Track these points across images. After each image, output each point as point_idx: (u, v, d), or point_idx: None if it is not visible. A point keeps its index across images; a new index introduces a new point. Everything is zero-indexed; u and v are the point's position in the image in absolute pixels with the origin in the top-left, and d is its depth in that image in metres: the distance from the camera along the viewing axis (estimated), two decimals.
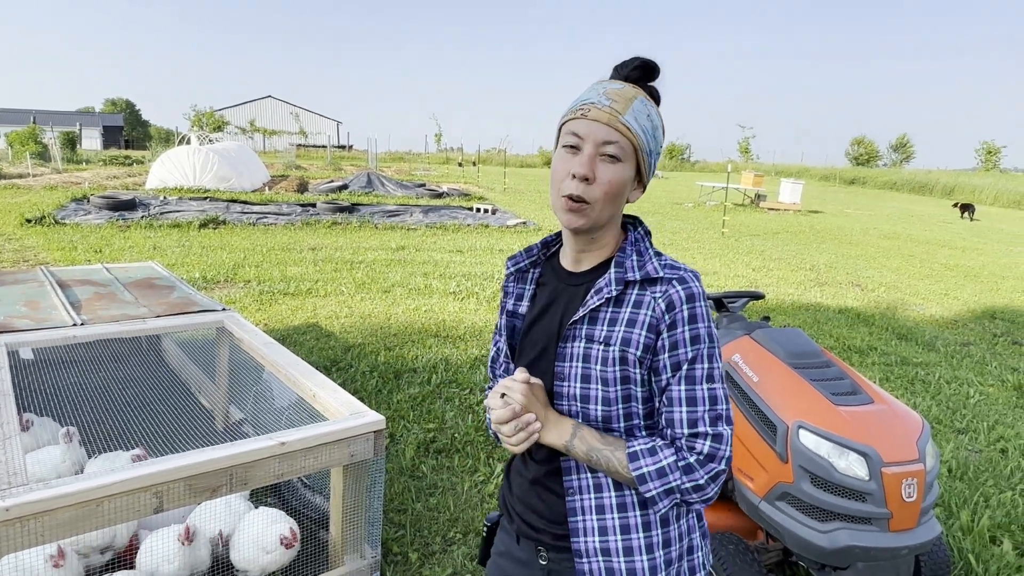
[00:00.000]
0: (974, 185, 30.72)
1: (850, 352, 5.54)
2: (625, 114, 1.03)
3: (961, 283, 9.13)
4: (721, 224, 13.36)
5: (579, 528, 1.11)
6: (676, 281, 1.06)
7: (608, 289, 1.07)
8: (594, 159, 1.04)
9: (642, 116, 1.05)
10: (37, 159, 23.17)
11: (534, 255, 1.23)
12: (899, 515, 1.97)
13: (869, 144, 57.72)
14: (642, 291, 1.08)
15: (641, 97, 1.06)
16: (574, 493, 1.12)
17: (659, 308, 1.05)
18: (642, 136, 1.05)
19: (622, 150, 1.04)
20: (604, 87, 1.06)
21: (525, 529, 1.21)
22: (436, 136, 46.19)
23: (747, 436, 2.26)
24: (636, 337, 1.05)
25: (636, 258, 1.10)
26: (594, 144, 1.03)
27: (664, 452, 1.04)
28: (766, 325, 2.71)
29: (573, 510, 1.12)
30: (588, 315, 1.09)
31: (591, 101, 1.05)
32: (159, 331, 2.97)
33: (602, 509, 1.10)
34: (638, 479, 1.04)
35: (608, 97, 1.04)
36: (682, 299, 1.05)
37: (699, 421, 1.03)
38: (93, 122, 56.74)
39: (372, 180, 18.94)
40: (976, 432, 4.05)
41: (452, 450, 3.48)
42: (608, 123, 1.03)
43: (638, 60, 1.08)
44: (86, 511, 1.59)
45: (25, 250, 8.10)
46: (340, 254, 8.83)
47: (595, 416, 1.09)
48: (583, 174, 1.03)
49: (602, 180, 1.04)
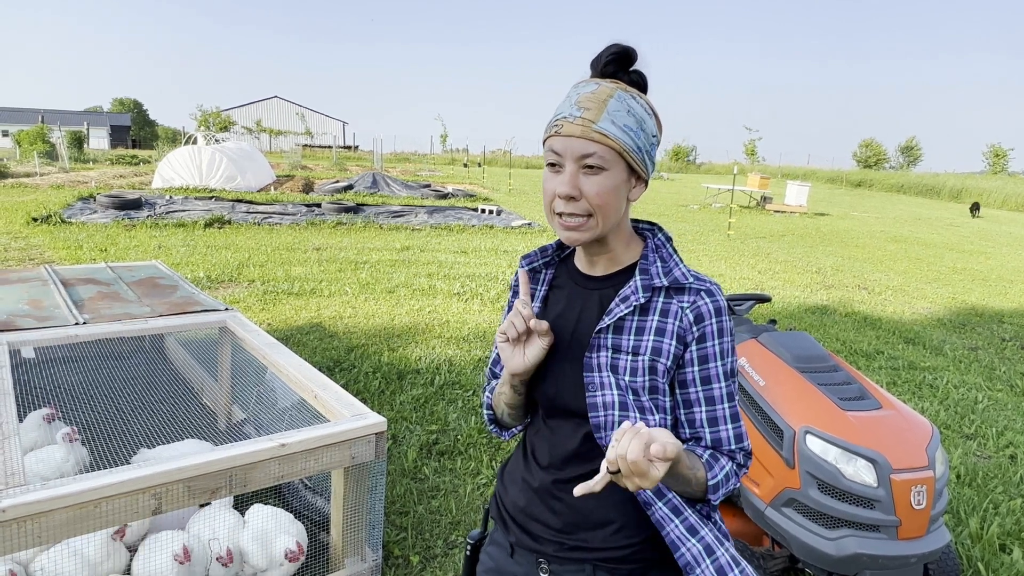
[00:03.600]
0: (982, 188, 30.53)
1: (857, 356, 5.50)
2: (599, 121, 0.98)
3: (969, 287, 9.07)
4: (727, 226, 13.32)
5: (689, 561, 1.04)
6: (704, 292, 1.05)
7: (636, 297, 1.05)
8: (576, 175, 1.00)
9: (620, 115, 0.99)
10: (44, 158, 23.29)
11: (549, 255, 1.20)
12: (908, 523, 1.94)
13: (877, 146, 57.49)
14: (668, 299, 1.05)
15: (619, 92, 1.00)
16: (664, 525, 1.06)
17: (687, 319, 1.04)
18: (624, 137, 0.99)
19: (602, 159, 0.99)
20: (577, 94, 1.02)
21: (525, 540, 1.16)
22: (442, 137, 46.17)
23: (753, 441, 2.23)
24: (667, 347, 1.04)
25: (660, 264, 1.08)
26: (572, 160, 1.00)
27: (721, 460, 1.06)
28: (772, 329, 2.68)
29: (674, 543, 1.05)
30: (614, 324, 1.06)
31: (563, 115, 1.01)
32: (161, 330, 2.96)
33: (693, 530, 1.06)
34: (712, 488, 1.04)
35: (580, 107, 0.99)
36: (711, 312, 1.04)
37: (743, 435, 1.08)
38: (101, 121, 57.04)
39: (377, 180, 18.96)
40: (985, 438, 4.01)
41: (455, 452, 3.45)
42: (582, 136, 0.98)
43: (611, 51, 1.02)
44: (84, 512, 1.58)
45: (31, 248, 8.13)
46: (344, 254, 8.83)
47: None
48: (566, 192, 1.00)
49: (589, 193, 1.00)
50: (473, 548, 1.31)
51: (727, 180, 27.93)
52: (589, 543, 1.10)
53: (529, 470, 1.17)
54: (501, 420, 1.23)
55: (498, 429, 1.28)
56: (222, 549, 2.09)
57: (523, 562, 1.16)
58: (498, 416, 1.23)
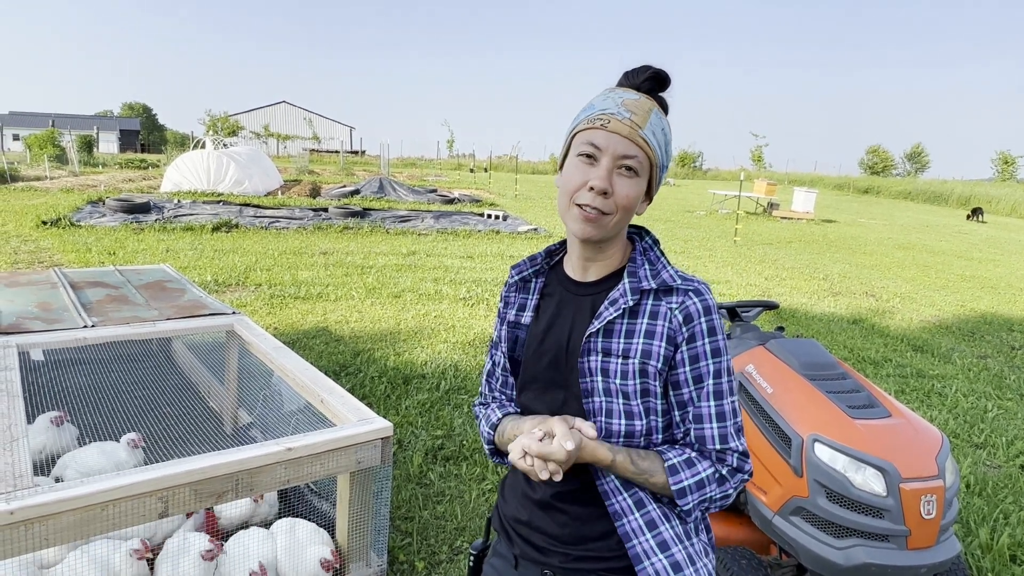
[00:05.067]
0: (990, 195, 30.35)
1: (864, 363, 5.47)
2: (644, 128, 1.01)
3: (978, 294, 9.01)
4: (733, 232, 13.28)
5: (639, 553, 1.06)
6: (692, 292, 1.05)
7: (624, 300, 1.05)
8: (611, 172, 1.01)
9: (658, 130, 1.03)
10: (55, 162, 23.48)
11: (538, 264, 1.19)
12: (917, 533, 1.92)
13: (884, 153, 57.28)
14: (657, 301, 1.05)
15: (656, 110, 1.04)
16: (620, 517, 1.07)
17: (676, 320, 1.04)
18: (658, 151, 1.04)
19: (640, 164, 1.02)
20: (621, 97, 1.03)
21: (529, 552, 1.15)
22: (448, 142, 46.31)
23: (761, 449, 2.22)
24: (656, 349, 1.04)
25: (648, 267, 1.08)
26: (612, 157, 1.01)
27: (701, 464, 1.04)
28: (780, 335, 2.66)
29: (626, 535, 1.06)
30: (603, 328, 1.06)
31: (610, 112, 1.02)
32: (169, 334, 2.97)
33: (653, 524, 1.06)
34: (678, 493, 1.02)
35: (627, 109, 1.02)
36: (700, 311, 1.04)
37: (729, 436, 1.05)
38: (110, 126, 57.49)
39: (384, 185, 19.02)
40: (995, 447, 3.97)
41: (460, 458, 3.45)
42: (629, 136, 1.00)
43: (651, 70, 1.05)
44: (91, 515, 1.58)
45: (40, 251, 8.19)
46: (351, 259, 8.85)
47: (618, 430, 1.06)
48: (602, 188, 1.01)
49: (620, 194, 1.02)
50: (476, 559, 1.31)
51: (734, 186, 27.87)
52: (595, 553, 1.10)
53: (530, 483, 1.16)
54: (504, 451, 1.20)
55: (501, 459, 1.24)
56: (254, 564, 2.09)
57: (528, 574, 1.16)
58: (501, 450, 1.20)
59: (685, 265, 9.73)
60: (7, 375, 2.26)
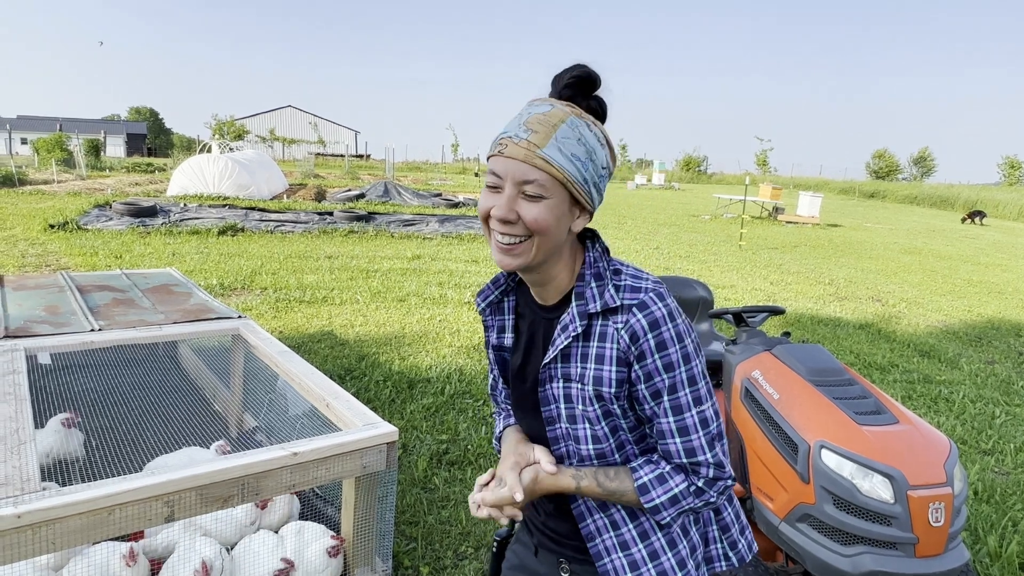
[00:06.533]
0: (996, 200, 30.22)
1: (871, 369, 5.44)
2: (544, 147, 0.94)
3: (985, 299, 8.96)
4: (739, 237, 13.25)
5: (600, 551, 1.11)
6: (636, 308, 0.99)
7: (573, 326, 1.02)
8: (514, 199, 0.96)
9: (569, 142, 0.95)
10: (62, 165, 23.61)
11: (502, 285, 1.17)
12: (926, 540, 1.91)
13: (890, 157, 57.11)
14: (605, 322, 1.02)
15: (572, 118, 0.96)
16: (593, 537, 1.10)
17: (623, 340, 1.00)
18: (569, 166, 0.95)
19: (543, 187, 0.95)
20: (528, 114, 0.97)
21: (546, 542, 1.20)
22: (453, 146, 46.32)
23: (767, 455, 2.21)
24: (607, 375, 1.01)
25: (595, 284, 1.03)
26: (512, 183, 0.96)
27: (674, 479, 1.02)
28: (786, 341, 2.65)
29: (598, 553, 1.10)
30: (560, 353, 1.05)
31: (509, 134, 0.97)
32: (175, 337, 2.98)
33: (626, 544, 1.09)
34: (651, 511, 1.03)
35: (528, 128, 0.95)
36: (645, 328, 0.98)
37: (696, 450, 1.01)
38: (117, 130, 57.84)
39: (389, 189, 19.06)
40: (1003, 454, 3.94)
41: (465, 462, 3.44)
42: (525, 160, 0.94)
43: (572, 74, 0.98)
44: (97, 519, 1.58)
45: (48, 255, 8.23)
46: (356, 263, 8.87)
47: (588, 454, 1.07)
48: (502, 216, 0.96)
49: (527, 219, 0.96)
50: (500, 544, 1.36)
51: (738, 190, 27.83)
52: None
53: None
54: None
55: None
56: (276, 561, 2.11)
57: (545, 562, 1.21)
58: None
59: (690, 270, 9.71)
60: (15, 378, 2.27)
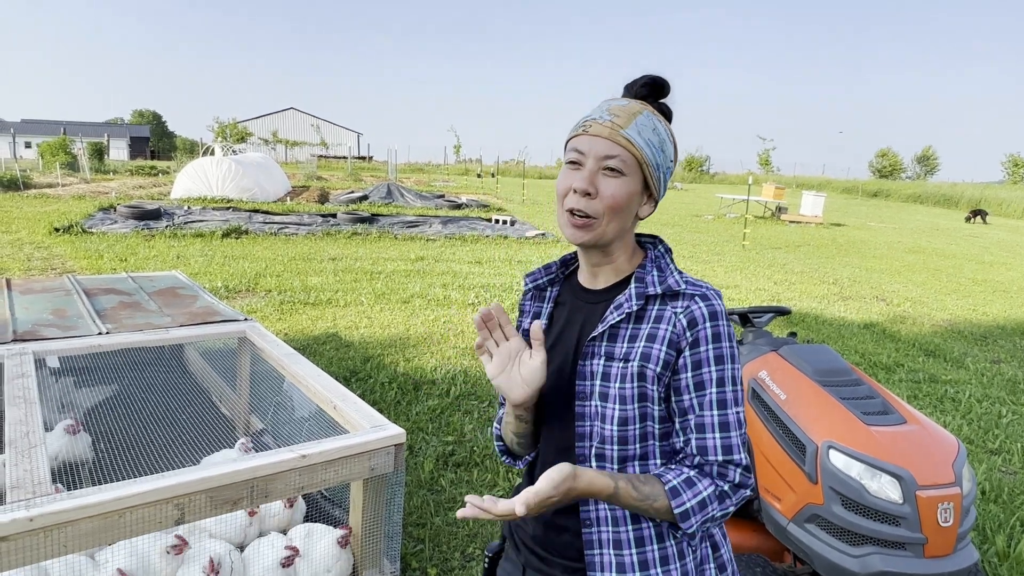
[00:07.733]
0: (1000, 198, 30.13)
1: (876, 368, 5.43)
2: (627, 128, 1.02)
3: (990, 298, 8.93)
4: (742, 237, 13.23)
5: (596, 562, 1.06)
6: (699, 297, 1.03)
7: (629, 304, 1.04)
8: (595, 174, 1.03)
9: (647, 129, 1.04)
10: (66, 169, 23.70)
11: (553, 272, 1.20)
12: (934, 540, 1.91)
13: (893, 156, 56.98)
14: (663, 306, 1.05)
15: (647, 112, 1.05)
16: (591, 525, 1.07)
17: (680, 324, 1.02)
18: (646, 149, 1.03)
19: (624, 163, 1.02)
20: (609, 104, 1.06)
21: (534, 562, 1.16)
22: (455, 147, 46.37)
23: (775, 456, 2.21)
24: (656, 352, 1.02)
25: (657, 273, 1.08)
26: (595, 159, 1.03)
27: (702, 483, 1.00)
28: (793, 341, 2.65)
29: (590, 543, 1.07)
30: (608, 332, 1.06)
31: (593, 117, 1.05)
32: (182, 340, 2.99)
33: (619, 544, 1.05)
34: (681, 516, 0.98)
35: (611, 113, 1.04)
36: (705, 316, 1.02)
37: (734, 448, 1.01)
38: (121, 133, 57.99)
39: (392, 191, 19.09)
40: (1010, 453, 3.93)
41: (471, 464, 3.45)
42: (609, 137, 1.02)
43: (646, 77, 1.08)
44: (108, 522, 1.59)
45: (53, 258, 8.26)
46: (360, 264, 8.88)
47: (611, 435, 1.05)
48: (583, 188, 1.02)
49: (605, 194, 1.02)
50: (491, 561, 1.30)
51: (741, 190, 27.80)
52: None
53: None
54: (512, 450, 1.22)
55: (511, 459, 1.26)
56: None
57: None
58: (508, 446, 1.21)
59: (694, 270, 9.71)
60: (24, 382, 2.28)
